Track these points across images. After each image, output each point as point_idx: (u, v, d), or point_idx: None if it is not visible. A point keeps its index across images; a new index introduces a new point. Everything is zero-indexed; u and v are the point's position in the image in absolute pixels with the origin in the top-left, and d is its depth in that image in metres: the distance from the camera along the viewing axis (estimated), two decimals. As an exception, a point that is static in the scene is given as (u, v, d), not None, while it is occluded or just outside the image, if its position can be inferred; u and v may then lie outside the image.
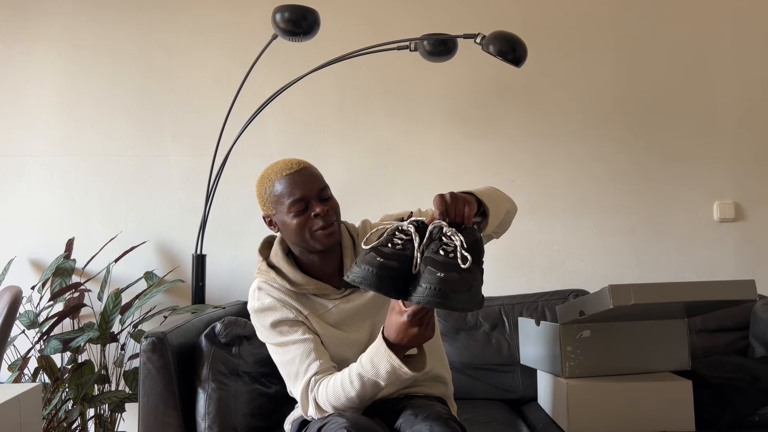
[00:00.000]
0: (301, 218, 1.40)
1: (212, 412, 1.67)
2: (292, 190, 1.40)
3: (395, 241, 1.21)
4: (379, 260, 1.16)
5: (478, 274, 1.19)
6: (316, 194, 1.41)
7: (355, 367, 1.32)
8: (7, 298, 1.80)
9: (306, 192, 1.40)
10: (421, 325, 1.23)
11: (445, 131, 2.58)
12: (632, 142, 2.56)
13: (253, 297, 1.48)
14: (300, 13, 2.10)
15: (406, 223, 1.23)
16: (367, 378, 1.30)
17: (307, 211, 1.40)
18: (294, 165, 1.43)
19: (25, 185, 2.59)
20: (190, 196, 2.57)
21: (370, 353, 1.30)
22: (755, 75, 2.56)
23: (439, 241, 1.19)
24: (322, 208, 1.40)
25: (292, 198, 1.40)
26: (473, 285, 1.16)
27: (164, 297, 2.50)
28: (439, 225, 1.20)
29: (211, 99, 2.59)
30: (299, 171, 1.42)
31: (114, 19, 2.62)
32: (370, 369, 1.29)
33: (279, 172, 1.43)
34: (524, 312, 2.26)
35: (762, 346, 2.09)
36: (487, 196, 1.36)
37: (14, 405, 1.39)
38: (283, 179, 1.41)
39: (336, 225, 1.43)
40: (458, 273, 1.14)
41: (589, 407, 1.70)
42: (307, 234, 1.41)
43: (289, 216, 1.41)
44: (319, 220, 1.40)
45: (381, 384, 1.31)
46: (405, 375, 1.27)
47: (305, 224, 1.40)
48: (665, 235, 2.54)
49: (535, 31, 2.50)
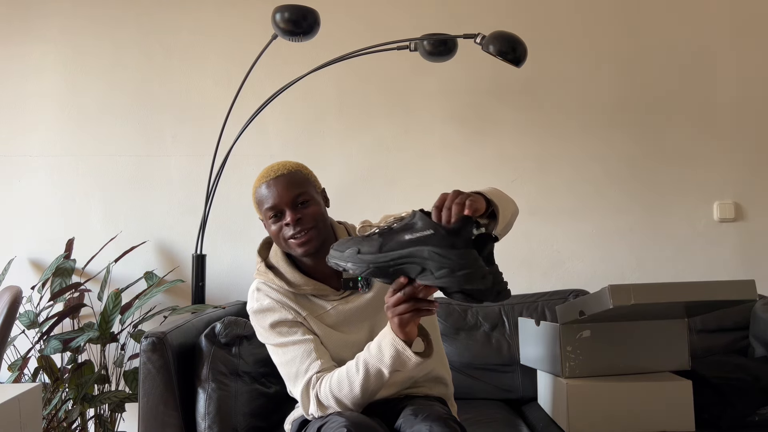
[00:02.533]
0: (276, 226, 1.43)
1: (212, 412, 1.67)
2: (267, 198, 1.43)
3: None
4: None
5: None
6: (289, 202, 1.42)
7: (361, 355, 1.33)
8: (7, 298, 1.80)
9: (277, 201, 1.42)
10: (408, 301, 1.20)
11: (445, 131, 2.58)
12: (632, 142, 2.56)
13: (252, 298, 1.49)
14: (300, 13, 2.10)
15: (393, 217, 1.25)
16: (371, 365, 1.30)
17: (281, 219, 1.43)
18: (272, 173, 1.45)
19: (25, 185, 2.59)
20: (190, 196, 2.57)
21: (376, 340, 1.31)
22: (755, 75, 2.56)
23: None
24: (293, 217, 1.41)
25: (266, 206, 1.43)
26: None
27: (164, 297, 2.50)
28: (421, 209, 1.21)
29: (211, 99, 2.59)
30: (275, 179, 1.43)
31: (114, 19, 2.62)
32: (376, 353, 1.29)
33: (261, 179, 1.46)
34: (524, 312, 2.26)
35: (762, 346, 2.09)
36: (495, 196, 1.35)
37: (14, 405, 1.39)
38: (262, 186, 1.44)
39: (313, 232, 1.42)
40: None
41: (589, 407, 1.70)
42: (282, 241, 1.44)
43: (269, 222, 1.45)
44: (290, 228, 1.41)
45: (385, 373, 1.30)
46: (409, 360, 1.26)
47: (279, 231, 1.43)
48: (665, 235, 2.54)
49: (535, 31, 2.50)
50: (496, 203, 1.29)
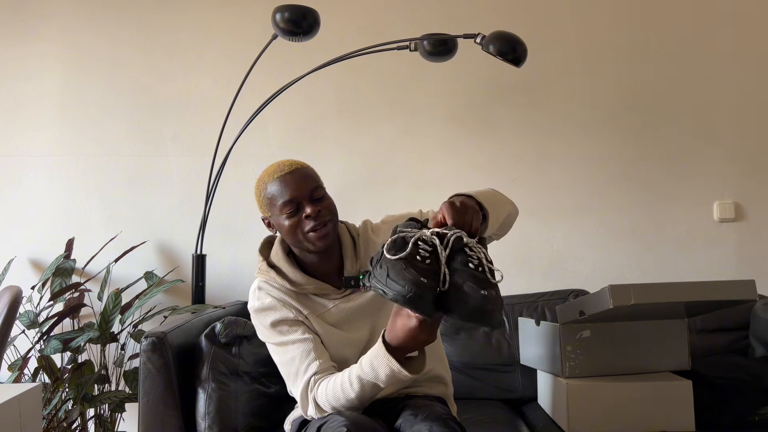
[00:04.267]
0: (293, 220, 1.41)
1: (212, 412, 1.67)
2: (283, 192, 1.40)
3: (422, 254, 1.15)
4: (423, 281, 1.11)
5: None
6: (308, 195, 1.41)
7: (354, 369, 1.32)
8: (7, 298, 1.80)
9: (296, 193, 1.40)
10: (430, 332, 1.22)
11: (445, 131, 2.58)
12: (632, 142, 2.56)
13: (254, 297, 1.49)
14: (300, 13, 2.10)
15: (429, 233, 1.18)
16: (366, 380, 1.30)
17: (298, 213, 1.41)
18: (285, 167, 1.43)
19: (25, 185, 2.59)
20: (190, 196, 2.57)
21: (369, 356, 1.30)
22: (755, 75, 2.56)
23: (463, 254, 1.16)
24: (313, 209, 1.40)
25: (283, 200, 1.40)
26: (502, 301, 1.15)
27: (164, 297, 2.50)
28: (460, 235, 1.17)
29: (211, 99, 2.59)
30: (290, 173, 1.42)
31: (114, 19, 2.62)
32: (370, 372, 1.29)
33: (272, 175, 1.43)
34: (524, 312, 2.26)
35: (762, 346, 2.09)
36: (488, 199, 1.36)
37: (14, 405, 1.39)
38: (275, 181, 1.42)
39: (330, 225, 1.42)
40: (495, 290, 1.12)
41: (589, 407, 1.70)
42: (300, 235, 1.41)
43: (282, 218, 1.41)
44: (310, 221, 1.40)
45: (380, 386, 1.31)
46: (404, 378, 1.27)
47: (297, 226, 1.41)
48: (665, 235, 2.54)
49: (535, 31, 2.50)
50: (489, 208, 1.31)
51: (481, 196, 1.33)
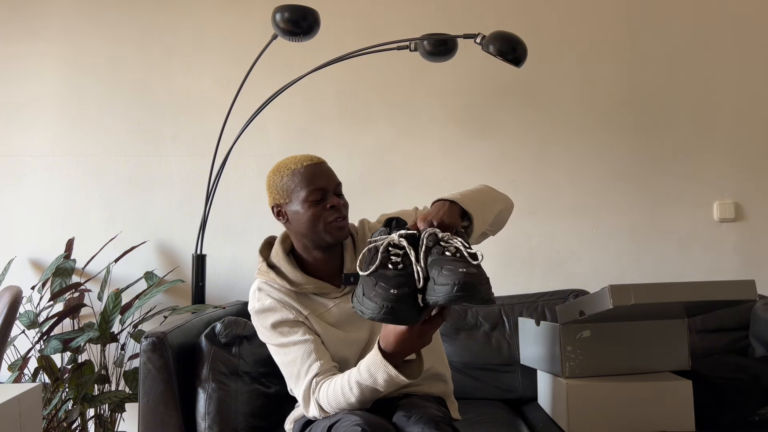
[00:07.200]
0: (317, 208, 1.42)
1: (212, 412, 1.67)
2: (312, 180, 1.42)
3: (393, 260, 1.17)
4: (393, 292, 1.11)
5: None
6: (334, 188, 1.45)
7: (353, 375, 1.33)
8: (7, 298, 1.80)
9: (326, 183, 1.43)
10: (421, 336, 1.24)
11: (445, 131, 2.58)
12: (632, 142, 2.56)
13: (254, 298, 1.49)
14: (300, 13, 2.10)
15: (396, 236, 1.21)
16: (365, 385, 1.31)
17: (323, 202, 1.42)
18: (315, 158, 1.47)
19: (25, 185, 2.59)
20: (190, 196, 2.57)
21: (367, 362, 1.30)
22: (755, 75, 2.56)
23: (439, 246, 1.17)
24: (338, 201, 1.44)
25: (312, 186, 1.42)
26: (487, 278, 1.15)
27: (164, 297, 2.50)
28: (433, 232, 1.19)
29: (210, 99, 2.59)
30: (320, 164, 1.46)
31: (114, 19, 2.62)
32: (368, 377, 1.30)
33: (299, 163, 1.45)
34: (524, 312, 2.26)
35: (762, 346, 2.09)
36: (475, 199, 1.37)
37: (14, 405, 1.39)
38: (304, 169, 1.43)
39: (347, 221, 1.47)
40: (475, 268, 1.12)
41: (589, 407, 1.70)
42: (320, 225, 1.42)
43: (305, 205, 1.42)
44: (333, 212, 1.42)
45: (380, 390, 1.32)
46: (402, 382, 1.28)
47: (320, 215, 1.42)
48: (665, 235, 2.54)
49: (535, 31, 2.50)
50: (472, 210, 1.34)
51: (467, 199, 1.35)
